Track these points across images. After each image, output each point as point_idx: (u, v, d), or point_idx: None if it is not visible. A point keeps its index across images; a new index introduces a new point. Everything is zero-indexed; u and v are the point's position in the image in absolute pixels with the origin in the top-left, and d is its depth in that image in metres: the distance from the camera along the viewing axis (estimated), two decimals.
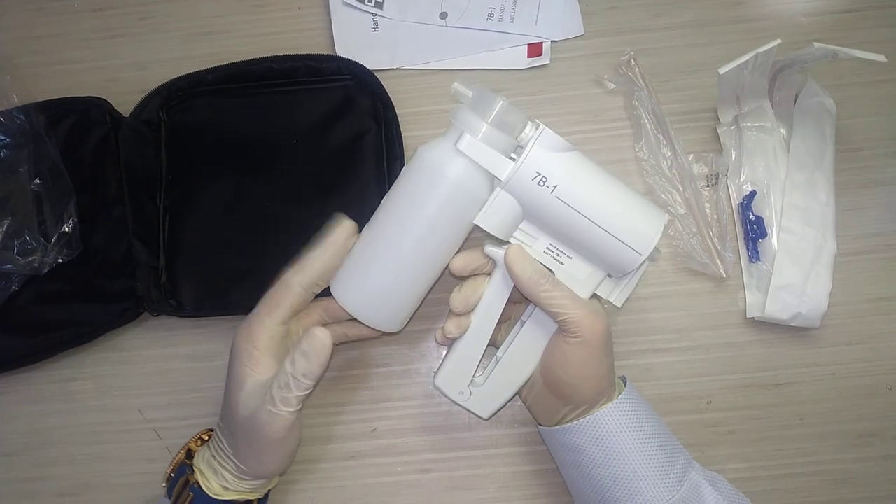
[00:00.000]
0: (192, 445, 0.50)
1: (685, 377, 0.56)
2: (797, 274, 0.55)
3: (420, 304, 0.49)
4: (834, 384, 0.56)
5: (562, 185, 0.44)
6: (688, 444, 0.55)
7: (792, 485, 0.55)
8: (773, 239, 0.56)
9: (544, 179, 0.44)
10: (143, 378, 0.58)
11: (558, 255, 0.47)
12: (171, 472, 0.49)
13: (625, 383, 0.49)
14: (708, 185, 0.59)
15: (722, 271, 0.56)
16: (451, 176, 0.45)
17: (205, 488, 0.47)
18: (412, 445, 0.56)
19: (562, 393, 0.47)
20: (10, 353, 0.56)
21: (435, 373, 0.51)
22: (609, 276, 0.48)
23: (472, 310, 0.49)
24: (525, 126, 0.45)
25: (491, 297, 0.48)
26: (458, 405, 0.51)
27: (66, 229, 0.56)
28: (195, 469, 0.48)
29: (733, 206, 0.58)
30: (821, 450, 0.55)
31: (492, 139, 0.45)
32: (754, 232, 0.56)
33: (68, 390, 0.58)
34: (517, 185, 0.45)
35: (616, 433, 0.46)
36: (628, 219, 0.45)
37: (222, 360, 0.49)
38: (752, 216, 0.57)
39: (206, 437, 0.51)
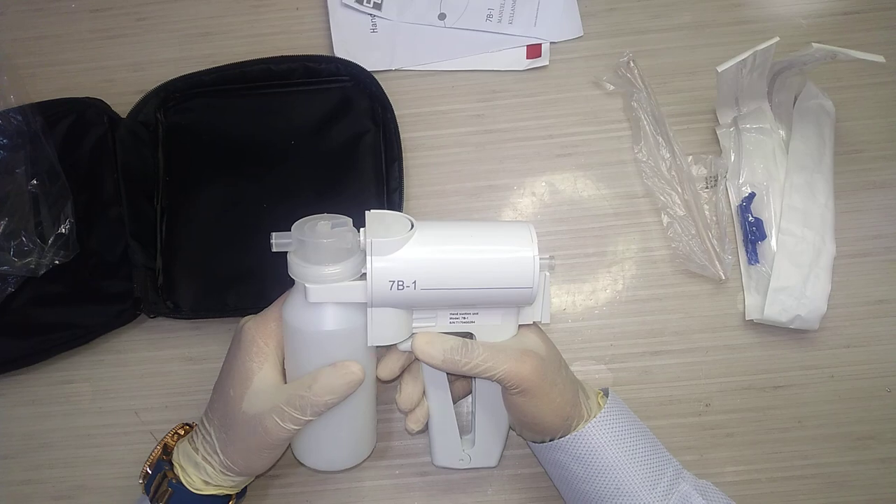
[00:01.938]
0: (169, 441, 0.49)
1: (684, 380, 0.56)
2: (796, 276, 0.55)
3: (374, 421, 0.50)
4: (832, 387, 0.56)
5: (420, 279, 0.42)
6: (686, 447, 0.55)
7: (790, 487, 0.55)
8: (772, 241, 0.56)
9: (401, 283, 0.42)
10: (140, 380, 0.57)
11: (465, 317, 0.46)
12: (147, 467, 0.48)
13: (608, 396, 0.49)
14: (707, 187, 0.59)
15: (721, 273, 0.56)
16: (323, 329, 0.43)
17: (185, 483, 0.46)
18: (410, 448, 0.56)
19: (532, 430, 0.47)
20: (6, 354, 0.56)
21: (431, 454, 0.52)
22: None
23: (422, 398, 0.49)
24: (358, 239, 0.43)
25: (430, 380, 0.48)
26: (467, 469, 0.52)
27: (63, 231, 0.56)
28: (174, 464, 0.47)
29: (732, 208, 0.58)
30: (819, 452, 0.55)
31: (335, 275, 0.43)
32: (753, 234, 0.56)
33: (64, 392, 0.57)
34: (382, 299, 0.43)
35: (598, 450, 0.46)
36: (499, 264, 0.43)
37: (219, 362, 0.48)
38: (751, 218, 0.57)
39: (183, 433, 0.50)
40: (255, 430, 0.44)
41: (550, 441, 0.47)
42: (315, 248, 0.43)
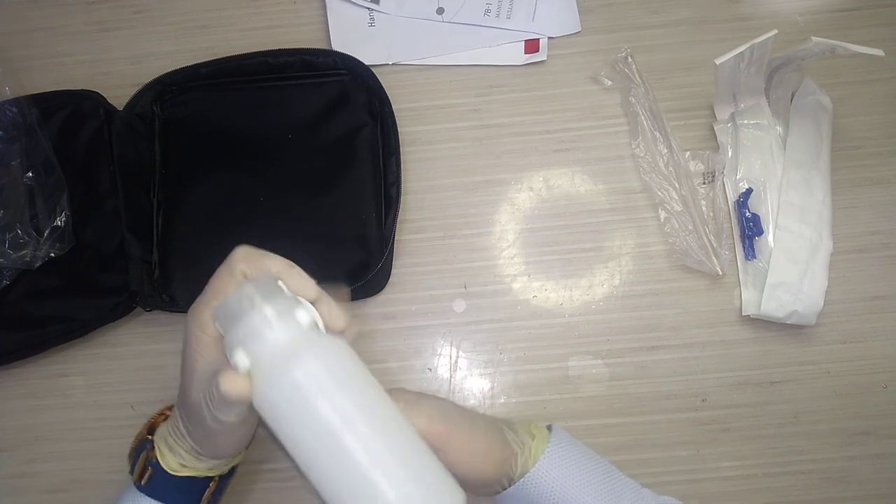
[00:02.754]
0: (156, 420, 0.49)
1: (680, 375, 0.56)
2: (793, 272, 0.55)
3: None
4: (828, 382, 0.56)
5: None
6: (682, 442, 0.55)
7: (786, 482, 0.55)
8: (770, 236, 0.56)
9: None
10: (136, 373, 0.57)
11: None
12: (134, 446, 0.48)
13: (550, 431, 0.46)
14: (704, 183, 0.59)
15: (718, 269, 0.56)
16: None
17: (163, 465, 0.45)
18: None
19: (475, 485, 0.43)
20: (1, 347, 0.56)
21: None
22: None
23: None
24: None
25: None
26: None
27: (59, 223, 0.56)
28: (155, 445, 0.47)
29: (729, 203, 0.58)
30: (815, 448, 0.55)
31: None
32: (750, 229, 0.56)
33: (60, 386, 0.57)
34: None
35: (552, 489, 0.43)
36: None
37: None
38: (748, 214, 0.57)
39: (169, 413, 0.49)
40: (202, 415, 0.43)
41: (504, 491, 0.45)
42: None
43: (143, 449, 0.47)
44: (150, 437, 0.47)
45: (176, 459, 0.46)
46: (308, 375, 0.36)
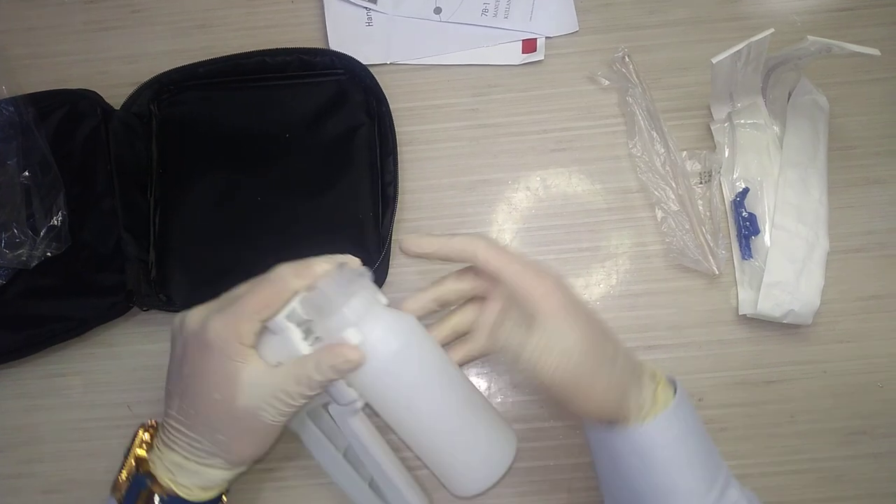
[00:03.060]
0: (139, 452, 0.46)
1: (677, 374, 0.55)
2: (790, 271, 0.55)
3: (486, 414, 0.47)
4: (825, 382, 0.56)
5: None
6: None
7: (782, 482, 0.55)
8: (766, 236, 0.56)
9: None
10: (132, 373, 0.57)
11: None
12: (123, 482, 0.45)
13: (675, 387, 0.45)
14: (701, 182, 0.59)
15: (714, 268, 0.56)
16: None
17: (182, 494, 0.44)
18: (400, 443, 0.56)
19: (579, 406, 0.43)
20: None
21: None
22: None
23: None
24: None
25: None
26: None
27: (55, 222, 0.56)
28: (157, 477, 0.44)
29: (726, 203, 0.58)
30: (812, 447, 0.55)
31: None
32: (747, 229, 0.56)
33: (56, 385, 0.57)
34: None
35: (659, 448, 0.43)
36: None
37: None
38: (744, 213, 0.57)
39: (149, 437, 0.47)
40: (262, 417, 0.43)
41: (610, 432, 0.44)
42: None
43: (140, 486, 0.44)
44: (141, 471, 0.45)
45: (199, 484, 0.45)
46: (410, 346, 0.43)
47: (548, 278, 0.43)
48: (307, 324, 0.44)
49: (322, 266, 0.44)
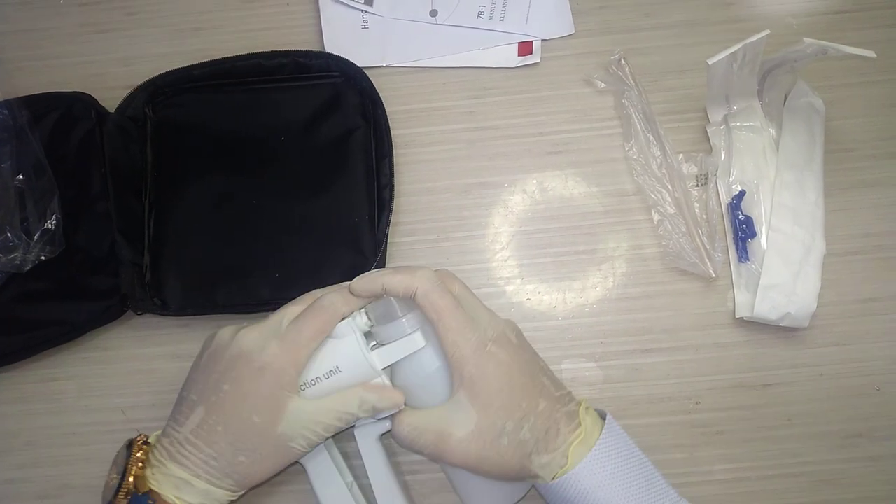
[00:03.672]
0: (138, 471, 0.45)
1: (673, 378, 0.56)
2: (786, 273, 0.55)
3: None
4: (822, 385, 0.56)
5: None
6: (676, 445, 0.55)
7: (780, 485, 0.54)
8: (763, 239, 0.56)
9: None
10: (126, 378, 0.57)
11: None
12: (121, 499, 0.44)
13: (604, 419, 0.46)
14: (697, 185, 0.59)
15: (711, 271, 0.56)
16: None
17: None
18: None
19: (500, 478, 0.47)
20: None
21: None
22: None
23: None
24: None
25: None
26: None
27: (49, 226, 0.56)
28: (158, 494, 0.44)
29: (723, 205, 0.58)
30: (809, 450, 0.55)
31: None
32: (743, 232, 0.56)
33: (50, 390, 0.57)
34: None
35: (590, 492, 0.43)
36: None
37: None
38: (741, 216, 0.57)
39: (142, 454, 0.46)
40: (292, 448, 0.45)
41: (540, 483, 0.45)
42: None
43: None
44: (141, 491, 0.44)
45: (201, 501, 0.44)
46: None
47: (473, 335, 0.45)
48: (369, 331, 0.48)
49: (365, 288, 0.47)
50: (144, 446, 0.46)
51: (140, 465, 0.45)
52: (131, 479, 0.44)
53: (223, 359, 0.46)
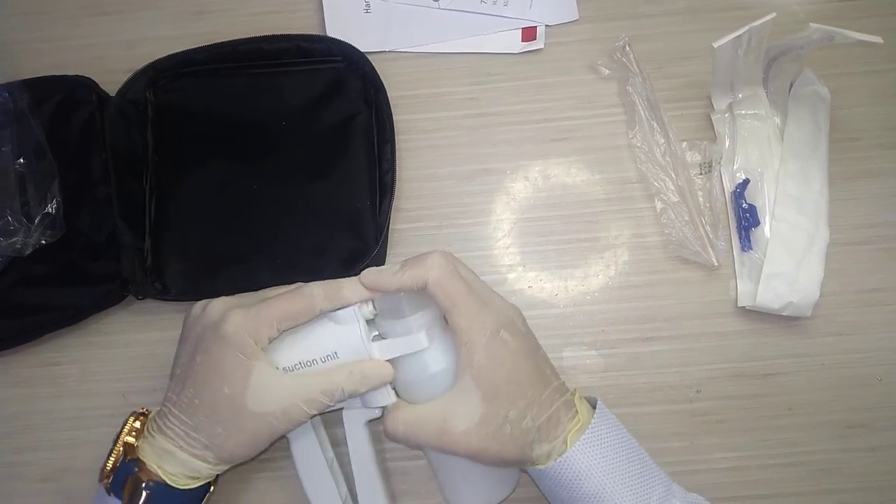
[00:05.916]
0: (129, 439, 0.46)
1: (675, 366, 0.56)
2: (789, 262, 0.54)
3: None
4: (823, 374, 0.56)
5: None
6: (677, 433, 0.55)
7: (780, 474, 0.54)
8: (766, 227, 0.56)
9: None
10: (127, 362, 0.57)
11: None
12: (111, 470, 0.46)
13: (594, 407, 0.46)
14: (701, 173, 0.58)
15: (714, 260, 0.56)
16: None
17: (169, 481, 0.44)
18: None
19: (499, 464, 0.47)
20: None
21: None
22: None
23: None
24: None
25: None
26: None
27: (50, 210, 0.55)
28: (144, 463, 0.45)
29: (726, 194, 0.58)
30: (809, 440, 0.55)
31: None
32: (747, 220, 0.56)
33: (51, 374, 0.57)
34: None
35: (584, 475, 0.43)
36: None
37: None
38: (745, 204, 0.56)
39: (139, 425, 0.47)
40: (269, 422, 0.44)
41: (533, 468, 0.46)
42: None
43: (127, 473, 0.45)
44: (129, 458, 0.45)
45: (187, 474, 0.45)
46: None
47: (487, 321, 0.45)
48: (372, 321, 0.47)
49: (351, 290, 0.46)
50: (142, 417, 0.48)
51: (134, 434, 0.46)
52: (121, 447, 0.46)
53: (195, 329, 0.47)
